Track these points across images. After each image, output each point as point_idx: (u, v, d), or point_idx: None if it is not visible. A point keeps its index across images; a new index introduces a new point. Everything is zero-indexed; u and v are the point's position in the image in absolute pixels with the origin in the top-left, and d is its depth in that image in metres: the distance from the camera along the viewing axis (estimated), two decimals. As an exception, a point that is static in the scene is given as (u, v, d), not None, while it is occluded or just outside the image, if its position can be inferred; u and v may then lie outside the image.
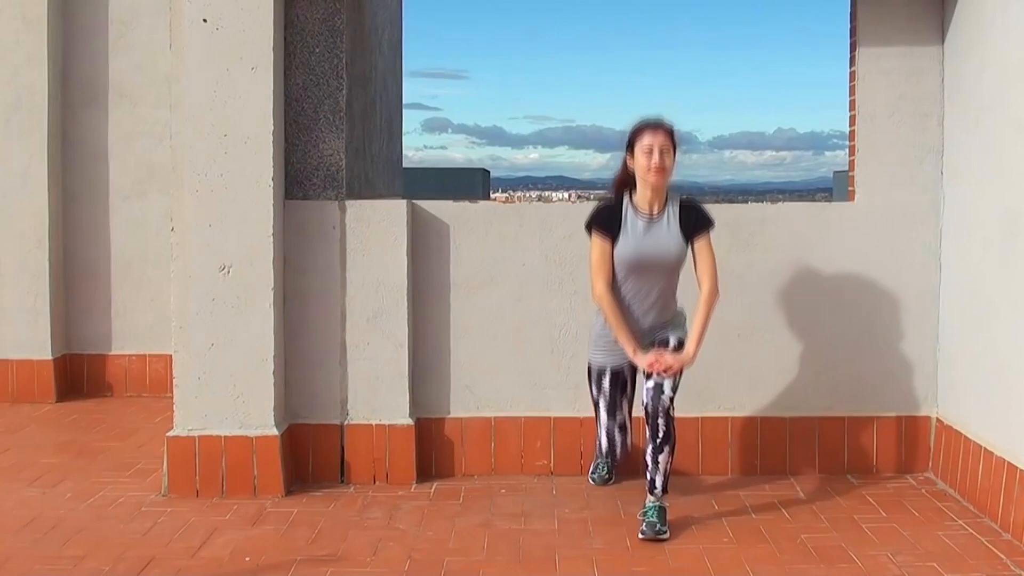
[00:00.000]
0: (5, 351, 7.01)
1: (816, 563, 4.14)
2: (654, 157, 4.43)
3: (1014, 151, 4.46)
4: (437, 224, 5.26)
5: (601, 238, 4.52)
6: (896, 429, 5.27)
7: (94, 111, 7.24)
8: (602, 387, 4.68)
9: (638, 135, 4.50)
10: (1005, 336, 4.54)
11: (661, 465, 4.46)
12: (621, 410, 4.72)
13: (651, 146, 4.43)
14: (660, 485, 4.47)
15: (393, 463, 5.17)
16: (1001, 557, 4.18)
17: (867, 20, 5.21)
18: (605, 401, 4.68)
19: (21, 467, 5.47)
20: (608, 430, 4.71)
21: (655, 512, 4.43)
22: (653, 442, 4.46)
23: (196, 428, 4.98)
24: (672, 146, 4.49)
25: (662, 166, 4.43)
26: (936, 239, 5.22)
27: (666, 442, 4.45)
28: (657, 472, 4.46)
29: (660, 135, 4.46)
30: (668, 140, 4.48)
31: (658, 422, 4.44)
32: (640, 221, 4.51)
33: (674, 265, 4.54)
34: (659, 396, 4.44)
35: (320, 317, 5.15)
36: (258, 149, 4.92)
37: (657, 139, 4.45)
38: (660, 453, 4.45)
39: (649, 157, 4.43)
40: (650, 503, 4.47)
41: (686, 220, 4.53)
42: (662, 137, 4.46)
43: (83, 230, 7.26)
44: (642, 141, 4.47)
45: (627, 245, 4.49)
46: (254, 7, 4.91)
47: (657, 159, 4.42)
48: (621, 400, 4.70)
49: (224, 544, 4.35)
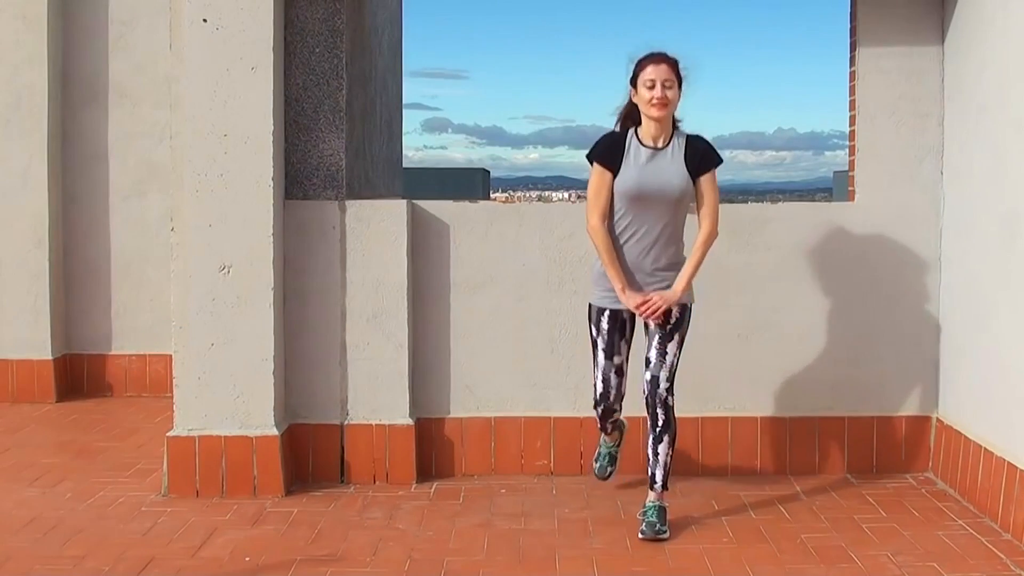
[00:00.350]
0: (5, 351, 7.01)
1: (816, 563, 4.14)
2: (656, 89, 4.36)
3: (1014, 151, 4.46)
4: (437, 224, 5.26)
5: (601, 168, 4.44)
6: (896, 429, 5.27)
7: (94, 111, 7.24)
8: (600, 328, 4.52)
9: (641, 67, 4.43)
10: (1005, 336, 4.53)
11: (661, 457, 4.46)
12: (619, 353, 4.53)
13: (654, 79, 4.38)
14: (660, 479, 4.47)
15: (393, 463, 5.17)
16: (1001, 557, 4.18)
17: (867, 20, 5.21)
18: (604, 342, 4.51)
19: (21, 467, 5.47)
20: (604, 372, 4.54)
21: (655, 512, 4.42)
22: (653, 431, 4.47)
23: (196, 428, 4.98)
24: (676, 78, 4.42)
25: (664, 98, 4.36)
26: (936, 239, 5.22)
27: (665, 431, 4.44)
28: (657, 465, 4.47)
29: (663, 67, 4.39)
30: (672, 72, 4.40)
31: (656, 412, 4.45)
32: (644, 152, 4.43)
33: (676, 199, 4.41)
34: (656, 388, 4.43)
35: (320, 317, 5.15)
36: (258, 149, 4.92)
37: (660, 71, 4.38)
38: (660, 443, 4.45)
39: (652, 90, 4.37)
40: (650, 502, 4.47)
41: (692, 154, 4.43)
42: (665, 69, 4.39)
43: (83, 230, 7.26)
44: (645, 73, 4.40)
45: (628, 175, 4.40)
46: (254, 7, 4.91)
47: (660, 92, 4.36)
48: (619, 343, 4.53)
49: (224, 544, 4.35)
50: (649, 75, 4.39)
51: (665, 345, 4.46)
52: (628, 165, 4.42)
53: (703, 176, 4.44)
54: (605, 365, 4.54)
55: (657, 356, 4.46)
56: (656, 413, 4.45)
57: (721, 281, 5.25)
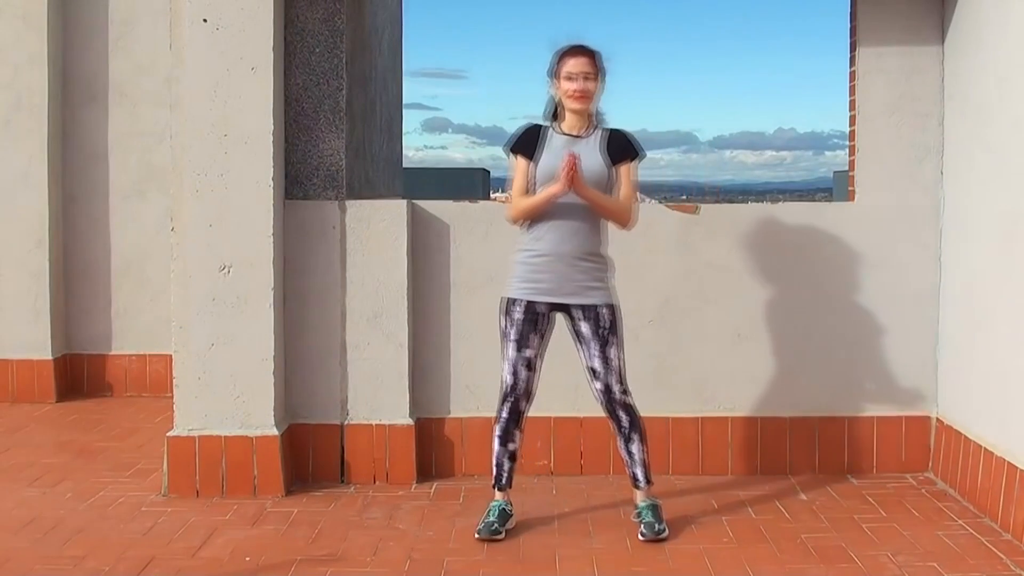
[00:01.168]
0: (5, 351, 7.01)
1: (816, 563, 4.14)
2: (577, 82, 4.37)
3: (1014, 151, 4.46)
4: (437, 224, 5.26)
5: (521, 157, 4.43)
6: (896, 429, 5.27)
7: (94, 111, 7.24)
8: (512, 317, 4.42)
9: (561, 60, 4.42)
10: (1005, 336, 4.53)
11: (636, 456, 4.46)
12: (530, 346, 4.42)
13: (573, 71, 4.37)
14: (642, 476, 4.46)
15: (393, 463, 5.17)
16: (1001, 557, 4.18)
17: (867, 20, 5.21)
18: (516, 332, 4.41)
19: (21, 467, 5.47)
20: (513, 363, 4.42)
21: (649, 511, 4.41)
22: (621, 434, 4.46)
23: (196, 428, 4.98)
24: (596, 71, 4.41)
25: (584, 89, 4.36)
26: (936, 239, 5.22)
27: (633, 430, 4.44)
28: (635, 464, 4.46)
29: (583, 59, 4.39)
30: (591, 64, 4.40)
31: (619, 415, 4.44)
32: (561, 139, 4.42)
33: (593, 184, 4.33)
34: (610, 395, 4.41)
35: (320, 317, 5.15)
36: (258, 149, 4.92)
37: (580, 63, 4.38)
38: (631, 443, 4.45)
39: (572, 82, 4.37)
40: (641, 502, 4.46)
41: (614, 144, 4.42)
42: (585, 61, 4.39)
43: (83, 230, 7.26)
44: (565, 66, 4.40)
45: (545, 160, 4.38)
46: (254, 7, 4.91)
47: (580, 83, 4.36)
48: (531, 335, 4.41)
49: (224, 544, 4.35)
50: (569, 67, 4.39)
51: (606, 352, 4.41)
52: (545, 152, 4.41)
53: (622, 166, 4.42)
54: (515, 357, 4.44)
55: (601, 364, 4.41)
56: (619, 416, 4.44)
57: (721, 281, 5.25)
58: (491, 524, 4.40)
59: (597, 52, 4.45)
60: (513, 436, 4.49)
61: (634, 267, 5.22)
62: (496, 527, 4.39)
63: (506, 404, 4.48)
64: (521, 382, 4.45)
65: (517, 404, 4.48)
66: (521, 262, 4.45)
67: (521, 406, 4.48)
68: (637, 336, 5.19)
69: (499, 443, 4.50)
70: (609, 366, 4.41)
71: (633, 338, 5.22)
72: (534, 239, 4.44)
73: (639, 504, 4.47)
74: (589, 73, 4.39)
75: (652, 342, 5.25)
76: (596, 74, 4.42)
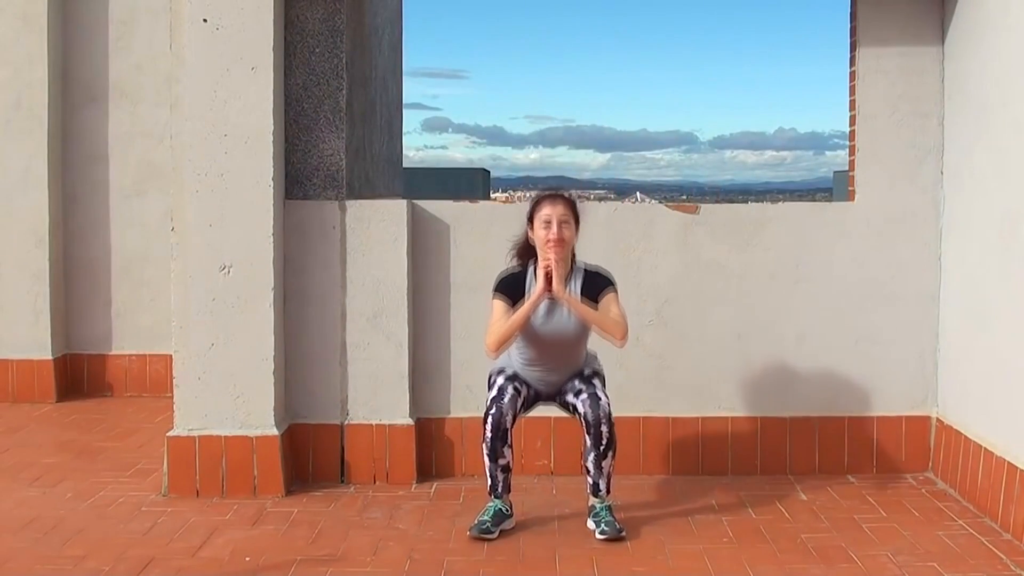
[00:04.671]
0: (5, 351, 7.01)
1: (816, 563, 4.14)
2: (552, 229, 4.36)
3: (1014, 151, 4.46)
4: (437, 224, 5.25)
5: (504, 304, 4.44)
6: (896, 429, 5.27)
7: (94, 111, 7.24)
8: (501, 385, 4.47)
9: (537, 206, 4.44)
10: (1005, 336, 4.53)
11: (605, 470, 4.45)
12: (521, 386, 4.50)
13: (550, 217, 4.38)
14: (604, 487, 4.47)
15: (393, 463, 5.17)
16: (1001, 557, 4.18)
17: (867, 20, 5.21)
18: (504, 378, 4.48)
19: (21, 467, 5.47)
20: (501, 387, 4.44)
21: (608, 511, 4.44)
22: (596, 449, 4.41)
23: (196, 428, 4.98)
24: (573, 217, 4.43)
25: (560, 237, 4.36)
26: (936, 239, 5.22)
27: (610, 448, 4.42)
28: (601, 477, 4.45)
29: (559, 206, 4.41)
30: (568, 211, 4.42)
31: (601, 430, 4.40)
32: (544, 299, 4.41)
33: (576, 337, 4.48)
34: (596, 404, 4.42)
35: (320, 317, 5.15)
36: (258, 149, 4.92)
37: (556, 210, 4.39)
38: (604, 459, 4.43)
39: (548, 229, 4.37)
40: (599, 504, 4.47)
41: (589, 287, 4.46)
42: (561, 208, 4.40)
43: (83, 230, 7.26)
44: (541, 212, 4.42)
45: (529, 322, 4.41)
46: (254, 7, 4.91)
47: (556, 230, 4.36)
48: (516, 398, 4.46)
49: (224, 544, 4.35)
50: (545, 214, 4.40)
51: (592, 389, 4.49)
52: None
53: (603, 299, 4.44)
54: (503, 383, 4.47)
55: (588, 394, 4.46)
56: (600, 432, 4.39)
57: (721, 281, 5.25)
58: (483, 523, 4.40)
59: (574, 199, 4.49)
60: (502, 453, 4.47)
61: (634, 267, 5.22)
62: (488, 527, 4.39)
63: (489, 420, 4.41)
64: (505, 397, 4.43)
65: (500, 421, 4.40)
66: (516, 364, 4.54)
67: (505, 423, 4.41)
68: (637, 336, 5.19)
69: (489, 460, 4.48)
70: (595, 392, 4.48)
71: (633, 338, 5.21)
72: (527, 359, 4.52)
73: (598, 506, 4.47)
74: (566, 218, 4.40)
75: (652, 342, 5.25)
76: (574, 219, 4.43)
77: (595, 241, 5.17)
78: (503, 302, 4.45)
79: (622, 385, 5.10)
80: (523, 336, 4.45)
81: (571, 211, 4.44)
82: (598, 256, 5.18)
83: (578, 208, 4.49)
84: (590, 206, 5.01)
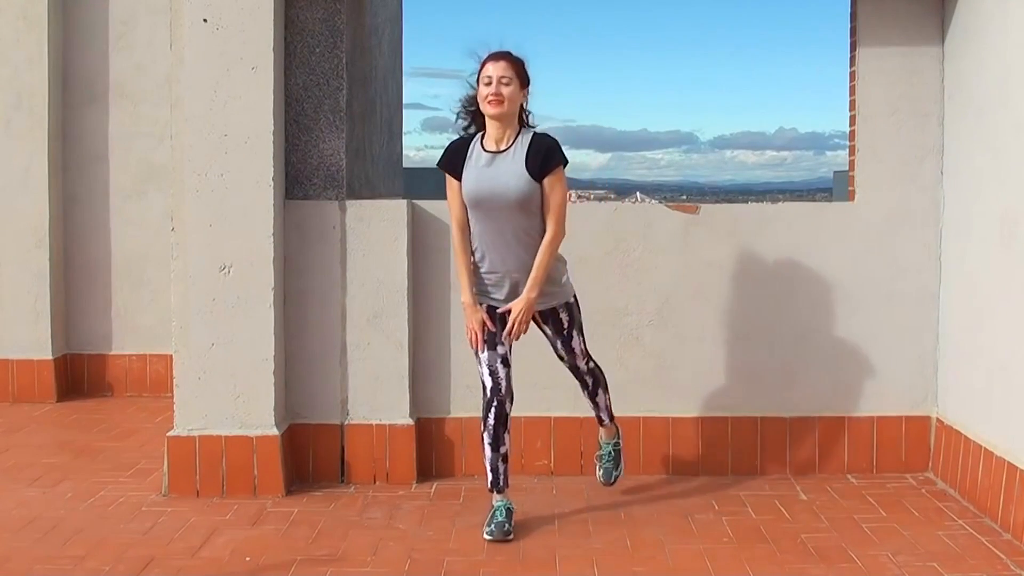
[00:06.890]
0: (5, 351, 7.01)
1: (816, 563, 4.14)
2: (492, 86, 4.32)
3: (1014, 151, 4.46)
4: (437, 224, 5.25)
5: (449, 176, 4.44)
6: (896, 429, 5.26)
7: (94, 111, 7.24)
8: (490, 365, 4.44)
9: (482, 66, 4.40)
10: (1004, 336, 4.53)
11: (601, 403, 4.78)
12: (502, 344, 4.43)
13: (491, 76, 4.34)
14: (607, 417, 4.81)
15: (393, 463, 5.17)
16: (1001, 557, 4.18)
17: (867, 20, 5.21)
18: (484, 331, 4.45)
19: (21, 467, 5.47)
20: (489, 363, 4.42)
21: (608, 456, 4.84)
22: (586, 389, 4.76)
23: (196, 428, 4.98)
24: (515, 76, 4.36)
25: (499, 94, 4.31)
26: (936, 239, 5.22)
27: (597, 385, 4.74)
28: (600, 409, 4.79)
29: (502, 64, 4.35)
30: (509, 69, 4.35)
31: (585, 379, 4.72)
32: (483, 156, 4.39)
33: (517, 202, 4.32)
34: (577, 369, 4.68)
35: (320, 317, 5.15)
36: (258, 149, 4.93)
37: (498, 68, 4.34)
38: (596, 396, 4.76)
39: (488, 86, 4.34)
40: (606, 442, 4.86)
41: (534, 154, 4.33)
42: (503, 65, 4.35)
43: (83, 230, 7.26)
44: (484, 71, 4.37)
45: (467, 181, 4.38)
46: (254, 7, 4.91)
47: (495, 88, 4.31)
48: (500, 332, 4.44)
49: (224, 544, 4.35)
50: (487, 72, 4.36)
51: (570, 344, 4.62)
52: (469, 170, 4.40)
53: (546, 178, 4.35)
54: (489, 356, 4.44)
55: (566, 352, 4.63)
56: (585, 380, 4.72)
57: (721, 281, 5.25)
58: (502, 524, 4.38)
59: (520, 59, 4.42)
60: (503, 440, 4.49)
61: (634, 267, 5.22)
62: (507, 528, 4.38)
63: (492, 410, 4.44)
64: (501, 381, 4.44)
65: (502, 407, 4.45)
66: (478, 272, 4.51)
67: (506, 408, 4.47)
68: (637, 336, 5.20)
69: (491, 449, 4.48)
70: (574, 352, 4.63)
71: (633, 338, 5.23)
72: (479, 257, 4.49)
73: (603, 443, 4.86)
74: (507, 76, 4.34)
75: (652, 342, 5.25)
76: (516, 79, 4.37)
77: (595, 241, 5.17)
78: (449, 175, 4.46)
79: (622, 385, 5.10)
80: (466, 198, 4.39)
81: (514, 70, 4.37)
82: (598, 256, 5.20)
83: (526, 68, 4.41)
84: (590, 206, 5.00)
